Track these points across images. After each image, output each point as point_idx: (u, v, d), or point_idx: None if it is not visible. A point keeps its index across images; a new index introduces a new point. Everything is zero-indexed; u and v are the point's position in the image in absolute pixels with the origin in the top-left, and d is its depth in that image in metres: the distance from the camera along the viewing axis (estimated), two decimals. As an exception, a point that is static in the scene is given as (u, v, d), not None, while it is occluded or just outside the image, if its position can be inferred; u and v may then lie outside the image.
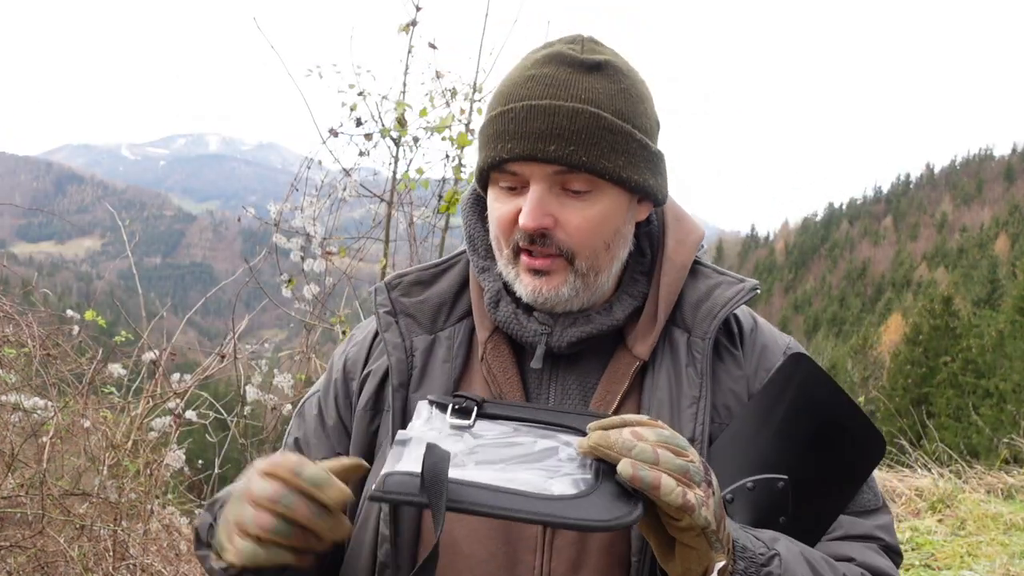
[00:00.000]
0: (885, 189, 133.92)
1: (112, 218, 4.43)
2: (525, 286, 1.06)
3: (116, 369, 3.80)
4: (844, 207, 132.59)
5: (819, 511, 1.03)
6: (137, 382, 3.88)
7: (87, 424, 3.47)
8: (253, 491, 0.88)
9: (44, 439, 3.34)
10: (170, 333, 4.07)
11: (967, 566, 4.67)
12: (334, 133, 3.54)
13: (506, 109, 1.02)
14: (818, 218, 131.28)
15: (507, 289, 1.12)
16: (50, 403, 3.49)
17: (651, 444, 0.83)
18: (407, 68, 3.46)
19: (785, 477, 1.00)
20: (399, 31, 3.43)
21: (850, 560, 1.04)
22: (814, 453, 1.00)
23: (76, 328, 3.82)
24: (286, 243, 3.58)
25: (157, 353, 3.71)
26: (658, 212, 1.18)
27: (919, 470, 6.82)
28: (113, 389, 3.95)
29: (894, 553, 1.09)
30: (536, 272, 1.05)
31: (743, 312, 1.18)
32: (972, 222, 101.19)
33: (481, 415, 0.95)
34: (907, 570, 4.74)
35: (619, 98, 1.03)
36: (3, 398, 3.51)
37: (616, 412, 1.06)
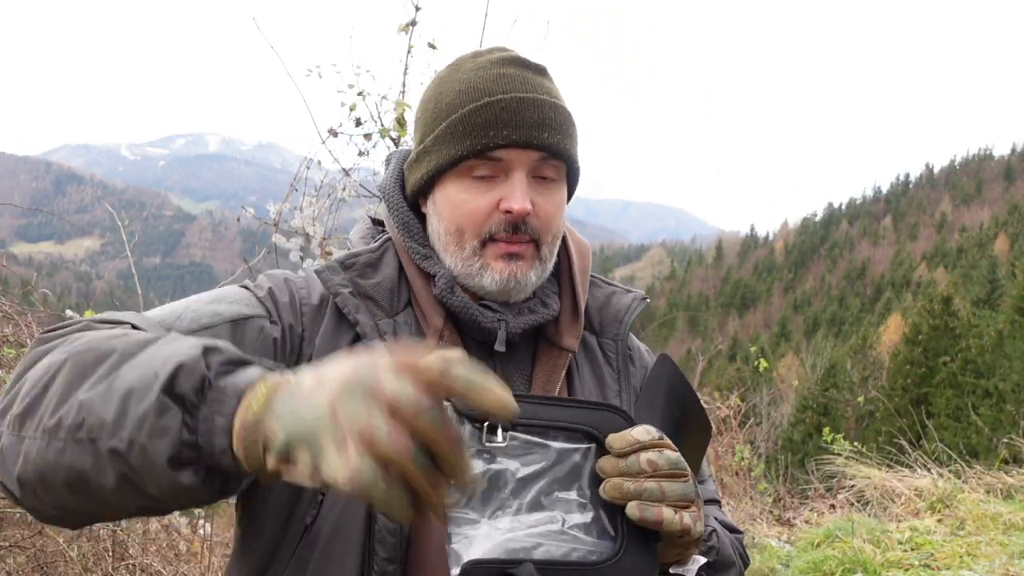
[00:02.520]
0: (885, 189, 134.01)
1: (111, 218, 4.41)
2: (498, 272, 1.10)
3: (115, 369, 3.80)
4: (844, 207, 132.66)
5: None
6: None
7: (86, 424, 3.47)
8: (389, 392, 0.63)
9: (43, 439, 3.34)
10: (169, 333, 4.07)
11: (966, 566, 4.67)
12: (333, 133, 3.53)
13: (493, 100, 1.08)
14: (817, 218, 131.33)
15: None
16: (49, 403, 3.49)
17: (659, 477, 0.94)
18: (406, 68, 3.46)
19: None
20: (399, 31, 3.43)
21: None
22: (680, 435, 1.15)
23: (75, 328, 3.82)
24: (285, 243, 3.57)
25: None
26: None
27: (918, 470, 6.83)
28: (112, 389, 3.95)
29: (721, 507, 1.33)
30: (511, 257, 1.10)
31: None
32: (971, 222, 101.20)
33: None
34: (906, 570, 4.74)
35: (563, 99, 1.15)
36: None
37: None
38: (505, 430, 0.92)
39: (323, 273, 1.12)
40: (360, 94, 3.48)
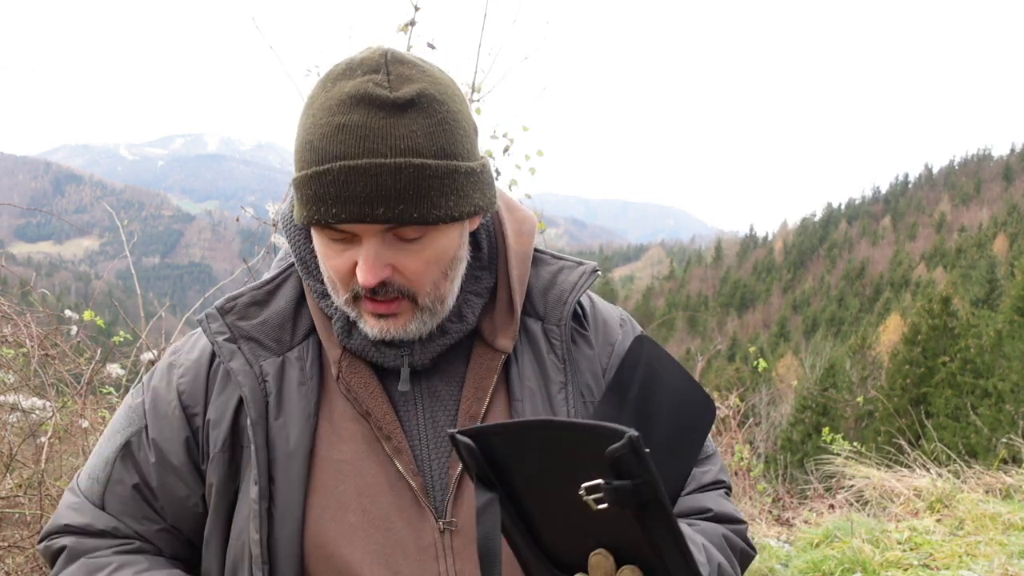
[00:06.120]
0: (884, 189, 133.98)
1: (110, 218, 4.42)
2: (371, 327, 1.05)
3: (114, 369, 3.80)
4: (843, 207, 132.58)
5: (678, 471, 1.14)
6: (136, 382, 3.87)
7: (86, 424, 3.47)
8: None
9: (42, 439, 3.33)
10: (168, 333, 4.06)
11: (965, 566, 4.67)
12: (333, 133, 3.53)
13: (322, 170, 0.94)
14: (816, 218, 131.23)
15: None
16: (48, 403, 3.48)
17: None
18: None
19: (647, 449, 1.07)
20: (398, 31, 3.43)
21: (708, 511, 1.16)
22: (667, 423, 1.11)
23: (74, 328, 3.82)
24: (285, 243, 3.57)
25: (155, 353, 3.70)
26: None
27: (917, 470, 6.82)
28: (112, 389, 3.94)
29: (730, 489, 1.25)
30: (380, 316, 1.04)
31: None
32: (970, 222, 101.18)
33: None
34: (905, 570, 4.74)
35: (439, 134, 0.96)
36: (1, 398, 3.51)
37: (488, 407, 1.09)
38: None
39: (203, 323, 1.11)
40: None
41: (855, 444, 7.78)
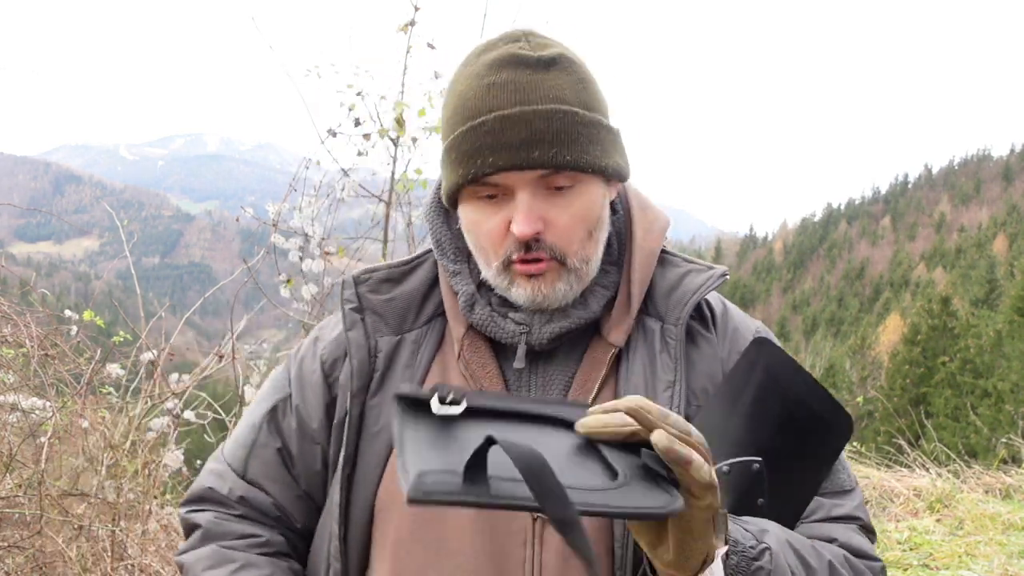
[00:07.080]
0: (883, 189, 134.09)
1: (110, 218, 4.42)
2: (524, 290, 1.06)
3: (114, 369, 3.80)
4: (842, 207, 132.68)
5: (795, 492, 1.03)
6: (135, 382, 3.87)
7: (85, 424, 3.47)
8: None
9: (42, 439, 3.34)
10: (168, 333, 4.06)
11: (965, 566, 4.68)
12: (332, 133, 3.54)
13: (477, 123, 1.00)
14: (816, 218, 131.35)
15: (480, 291, 1.12)
16: (48, 403, 3.49)
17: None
18: (405, 68, 3.46)
19: (759, 459, 0.99)
20: (397, 31, 3.43)
21: (833, 540, 1.05)
22: (784, 435, 1.00)
23: (74, 328, 3.82)
24: (284, 243, 3.57)
25: (155, 353, 3.70)
26: (623, 202, 1.19)
27: (917, 470, 6.82)
28: (111, 389, 3.95)
29: (870, 532, 1.11)
30: (531, 276, 1.05)
31: (713, 297, 1.19)
32: (970, 222, 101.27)
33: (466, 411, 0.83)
34: (905, 570, 4.75)
35: (580, 89, 1.03)
36: (1, 398, 3.51)
37: (595, 399, 1.07)
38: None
39: (338, 286, 1.16)
40: (359, 94, 3.48)
41: (855, 444, 7.78)
